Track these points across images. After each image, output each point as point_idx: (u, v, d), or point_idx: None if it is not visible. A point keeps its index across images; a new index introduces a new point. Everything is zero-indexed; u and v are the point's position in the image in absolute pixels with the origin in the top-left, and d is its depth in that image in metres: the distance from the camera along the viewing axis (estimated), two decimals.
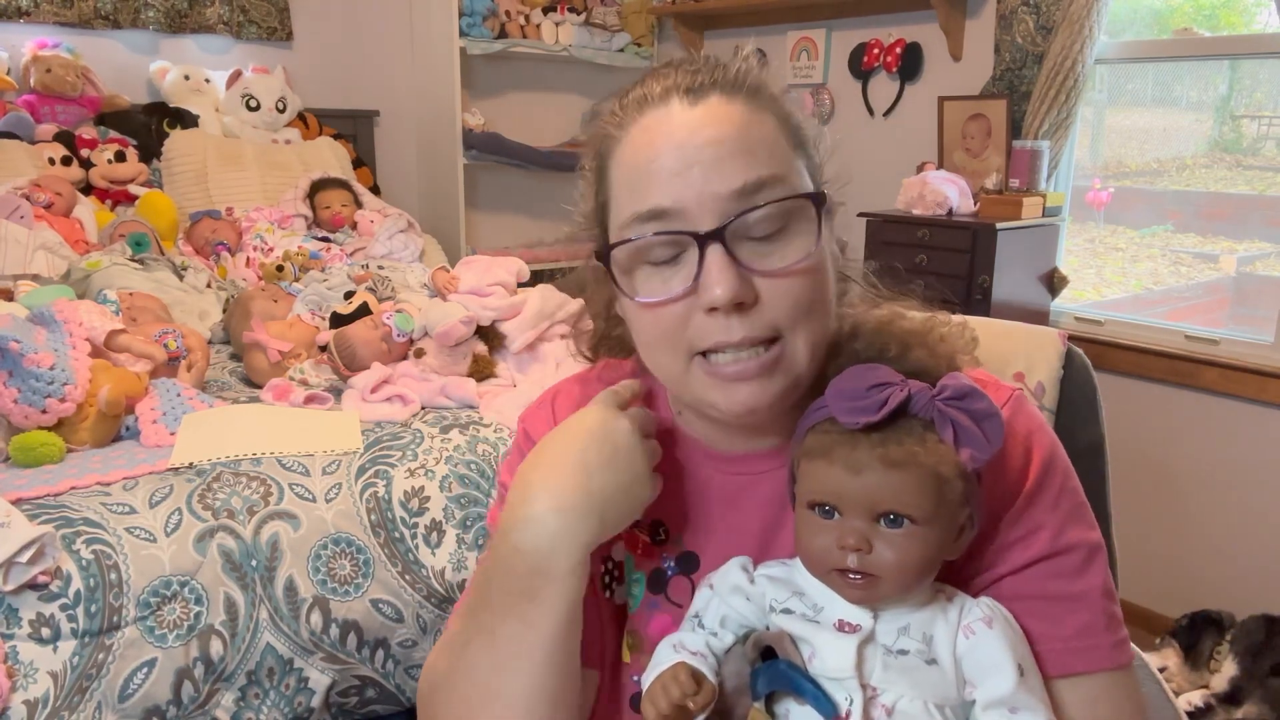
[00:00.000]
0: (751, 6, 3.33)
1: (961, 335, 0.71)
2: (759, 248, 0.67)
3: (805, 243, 0.67)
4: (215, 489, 1.43)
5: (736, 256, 0.65)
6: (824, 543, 0.66)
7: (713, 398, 0.69)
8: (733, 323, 0.66)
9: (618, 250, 0.69)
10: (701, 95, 0.68)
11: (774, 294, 0.66)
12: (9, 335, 1.48)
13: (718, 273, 0.64)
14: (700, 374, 0.69)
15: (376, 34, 3.56)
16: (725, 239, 0.65)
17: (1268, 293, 2.43)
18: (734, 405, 0.68)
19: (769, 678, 0.66)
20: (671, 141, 0.67)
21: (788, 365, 0.68)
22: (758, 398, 0.68)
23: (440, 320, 1.85)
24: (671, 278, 0.68)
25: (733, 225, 0.65)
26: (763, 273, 0.66)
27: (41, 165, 2.74)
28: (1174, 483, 2.47)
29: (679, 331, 0.68)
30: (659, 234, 0.67)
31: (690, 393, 0.71)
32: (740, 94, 0.68)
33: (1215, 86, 2.58)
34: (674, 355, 0.70)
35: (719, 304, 0.65)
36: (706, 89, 0.68)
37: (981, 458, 0.64)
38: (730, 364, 0.67)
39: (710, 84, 0.68)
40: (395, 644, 1.47)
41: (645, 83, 0.71)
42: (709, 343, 0.67)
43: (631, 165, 0.69)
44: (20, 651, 1.21)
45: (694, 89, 0.68)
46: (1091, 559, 0.71)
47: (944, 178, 2.60)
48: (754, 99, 0.69)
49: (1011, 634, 0.67)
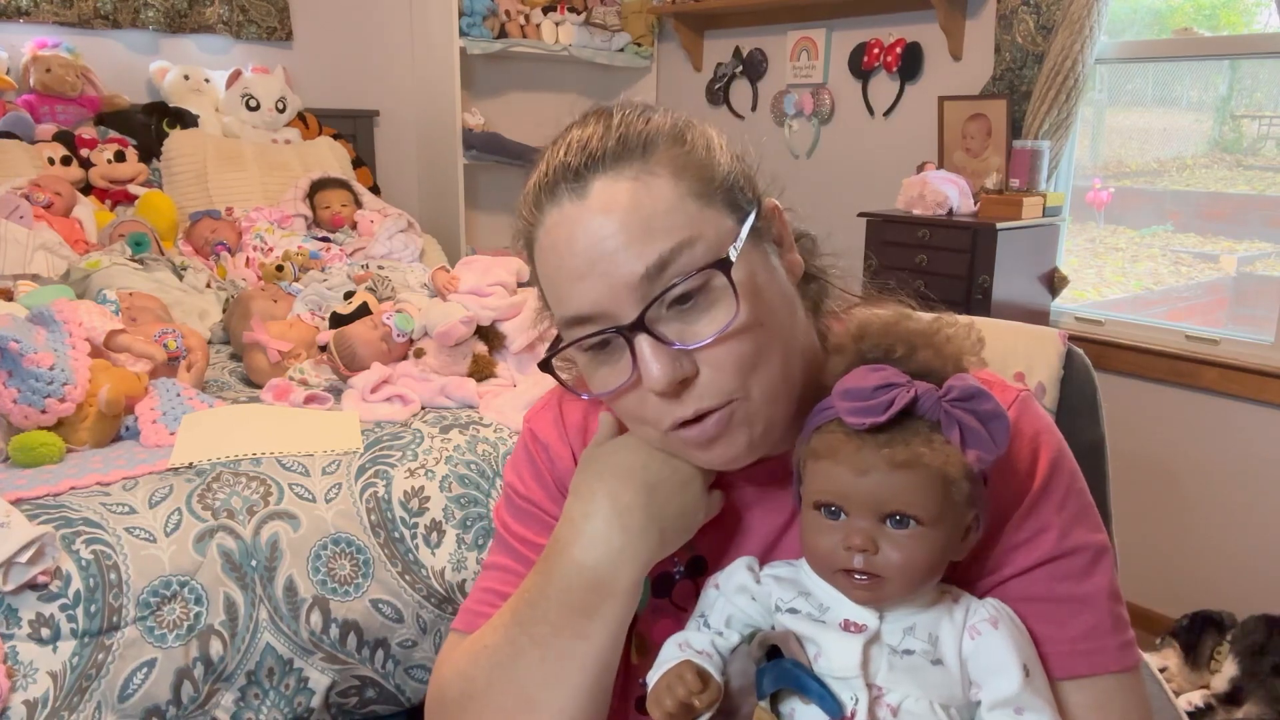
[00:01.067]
0: (751, 6, 3.33)
1: (968, 336, 0.70)
2: (686, 319, 0.66)
3: (727, 306, 0.65)
4: (215, 489, 1.43)
5: (664, 338, 0.65)
6: (830, 543, 0.66)
7: (697, 458, 0.71)
8: (684, 401, 0.66)
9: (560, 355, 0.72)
10: (586, 182, 0.66)
11: (713, 361, 0.66)
12: (9, 335, 1.48)
13: (649, 361, 0.65)
14: (678, 442, 0.70)
15: (376, 34, 3.56)
16: (647, 326, 0.65)
17: (1268, 293, 2.43)
18: (713, 463, 0.70)
19: (774, 677, 0.66)
20: (571, 246, 0.66)
21: (744, 419, 0.68)
22: (729, 454, 0.69)
23: (440, 320, 1.85)
24: (616, 366, 0.68)
25: (649, 313, 0.65)
26: (694, 349, 0.66)
27: (41, 165, 2.74)
28: (1174, 483, 2.47)
29: (642, 412, 0.69)
30: (586, 337, 0.68)
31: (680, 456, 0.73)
32: (624, 164, 0.66)
33: (1215, 86, 2.58)
34: (650, 429, 0.71)
35: (659, 390, 0.65)
36: (589, 174, 0.66)
37: (988, 459, 0.64)
38: (693, 431, 0.68)
39: (589, 172, 0.66)
40: (395, 644, 1.47)
41: (539, 163, 0.71)
42: (668, 422, 0.68)
43: (545, 270, 0.70)
44: (20, 651, 1.20)
45: (579, 175, 0.66)
46: (1098, 561, 0.71)
47: (944, 178, 2.60)
48: (642, 163, 0.66)
49: (1017, 635, 0.67)
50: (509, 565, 0.82)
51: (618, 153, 0.67)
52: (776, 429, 0.70)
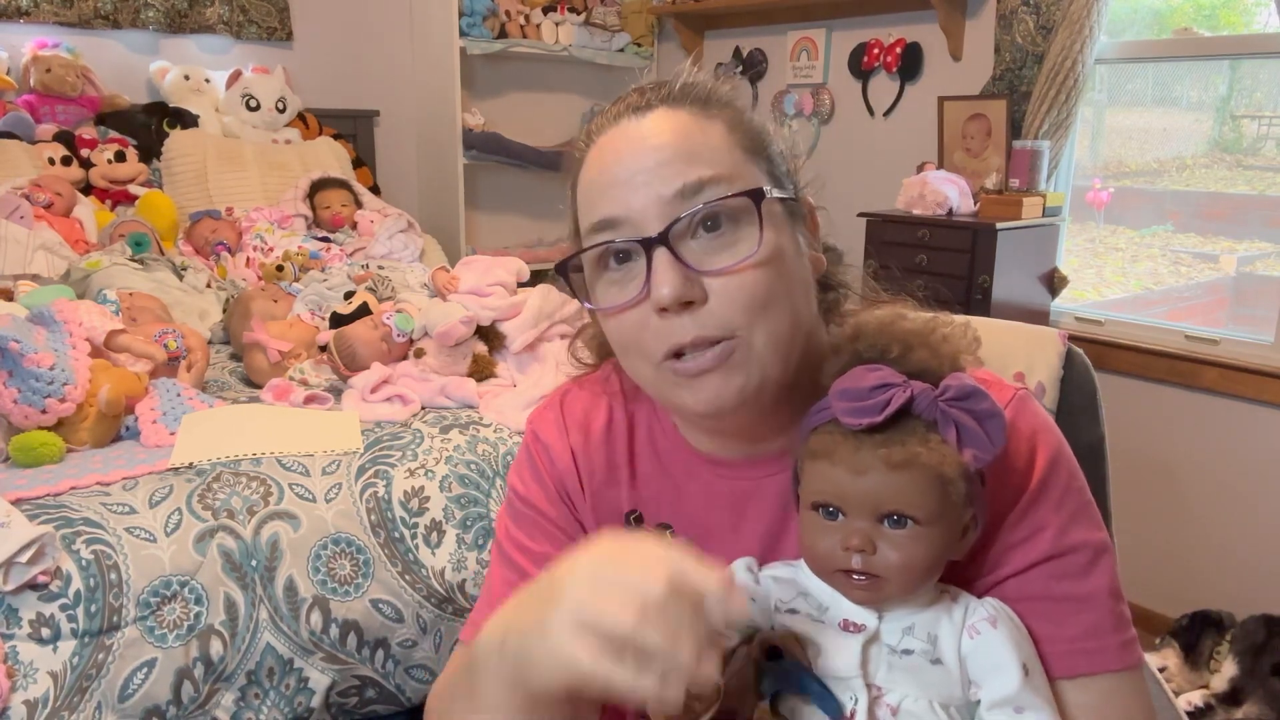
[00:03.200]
0: (751, 6, 3.33)
1: (964, 335, 0.70)
2: (706, 248, 0.68)
3: (751, 241, 0.68)
4: (215, 489, 1.43)
5: (682, 258, 0.67)
6: (828, 544, 0.66)
7: (682, 397, 0.70)
8: (685, 321, 0.67)
9: (575, 262, 0.73)
10: (647, 110, 0.71)
11: (723, 292, 0.67)
12: (9, 335, 1.48)
13: (661, 273, 0.66)
14: (670, 375, 0.69)
15: (376, 34, 3.56)
16: (669, 241, 0.67)
17: (1268, 293, 2.43)
18: (699, 403, 0.69)
19: (775, 678, 0.66)
20: (618, 155, 0.70)
21: (745, 358, 0.68)
22: (720, 392, 0.68)
23: (440, 320, 1.85)
24: (627, 284, 0.70)
25: (675, 227, 0.67)
26: (709, 272, 0.67)
27: (41, 165, 2.74)
28: (1174, 483, 2.47)
29: (641, 335, 0.69)
30: (605, 243, 0.69)
31: (664, 397, 0.73)
32: (685, 104, 0.71)
33: (1215, 86, 2.58)
34: (643, 360, 0.71)
35: (665, 303, 0.66)
36: (652, 104, 0.72)
37: (984, 458, 0.64)
38: (690, 361, 0.68)
39: (656, 99, 0.72)
40: (395, 644, 1.47)
41: (606, 108, 0.75)
42: (666, 345, 0.68)
43: (588, 182, 0.72)
44: (20, 651, 1.20)
45: (640, 106, 0.72)
46: (1097, 559, 0.71)
47: (944, 178, 2.60)
48: (701, 107, 0.71)
49: (1016, 634, 0.67)
50: (505, 576, 0.83)
51: (681, 94, 0.72)
52: (769, 389, 0.69)
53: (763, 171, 0.72)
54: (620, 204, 0.69)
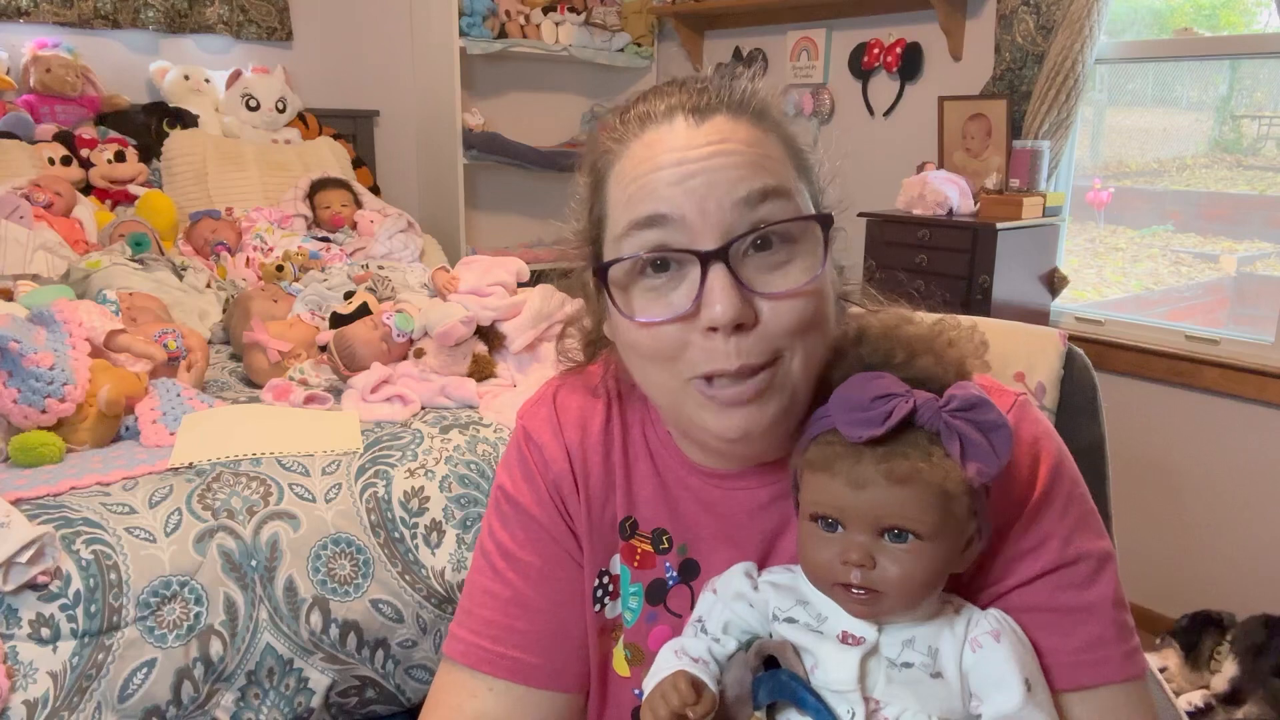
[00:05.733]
0: (751, 6, 3.32)
1: (971, 339, 0.68)
2: (763, 267, 0.65)
3: (810, 265, 0.65)
4: (215, 489, 1.43)
5: (739, 276, 0.63)
6: (827, 556, 0.64)
7: (706, 421, 0.66)
8: (730, 346, 0.63)
9: (615, 266, 0.67)
10: (708, 114, 0.67)
11: (775, 315, 0.64)
12: (9, 335, 1.48)
13: (720, 293, 0.62)
14: (697, 395, 0.66)
15: (376, 34, 3.56)
16: (729, 258, 0.63)
17: (1268, 293, 2.42)
18: (728, 430, 0.66)
19: (770, 688, 0.66)
20: (675, 153, 0.65)
21: (783, 384, 0.65)
22: (753, 422, 0.65)
23: (440, 320, 1.85)
24: (671, 295, 0.65)
25: (736, 244, 0.63)
26: (766, 295, 0.64)
27: (41, 165, 2.74)
28: (1174, 483, 2.46)
29: (676, 352, 0.65)
30: (661, 253, 0.65)
31: (683, 413, 0.68)
32: (746, 114, 0.68)
33: (1215, 86, 2.58)
34: (670, 375, 0.67)
35: (719, 324, 0.62)
36: (714, 108, 0.67)
37: (989, 472, 0.62)
38: (728, 388, 0.64)
39: (717, 103, 0.67)
40: (395, 644, 1.47)
41: (647, 99, 0.70)
42: (707, 368, 0.64)
43: (631, 177, 0.67)
44: (20, 651, 1.20)
45: (700, 108, 0.67)
46: (1101, 568, 0.70)
47: (944, 178, 2.60)
48: (760, 120, 0.68)
49: (1020, 648, 0.65)
50: (487, 586, 0.81)
51: (740, 103, 0.68)
52: (796, 413, 0.68)
53: (807, 193, 0.69)
54: (673, 202, 0.64)
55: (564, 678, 0.80)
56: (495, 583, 0.80)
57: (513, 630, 0.79)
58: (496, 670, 0.78)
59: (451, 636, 0.81)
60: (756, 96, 0.69)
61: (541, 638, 0.79)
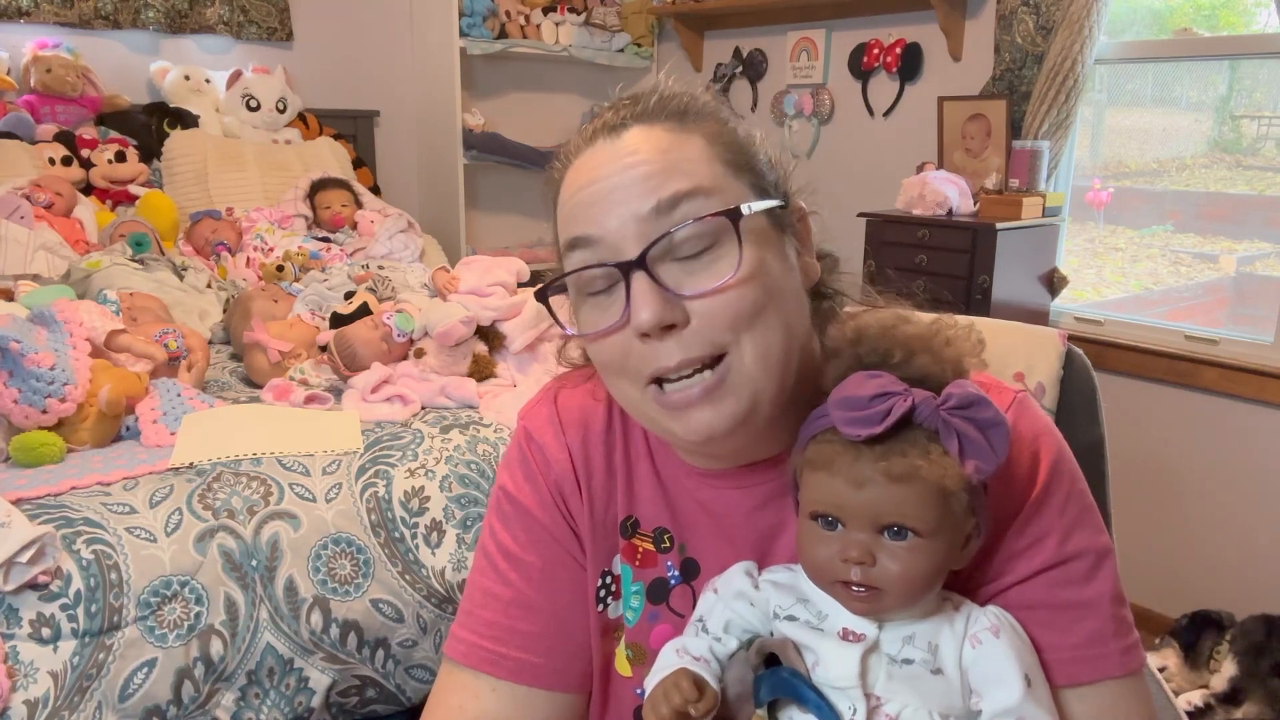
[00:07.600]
0: (751, 6, 3.33)
1: (968, 338, 0.68)
2: (686, 269, 0.66)
3: (730, 260, 0.65)
4: (215, 489, 1.43)
5: (661, 280, 0.65)
6: (827, 554, 0.65)
7: (669, 426, 0.68)
8: (667, 346, 0.65)
9: (555, 287, 0.71)
10: (620, 130, 0.69)
11: (706, 312, 0.65)
12: (9, 335, 1.48)
13: (640, 298, 0.64)
14: (653, 402, 0.68)
15: (376, 34, 3.56)
16: (646, 265, 0.65)
17: (1267, 293, 2.43)
18: (691, 433, 0.67)
19: (772, 685, 0.66)
20: (592, 173, 0.68)
21: (736, 381, 0.66)
22: (712, 422, 0.66)
23: (440, 320, 1.85)
24: (609, 308, 0.68)
25: (653, 251, 0.65)
26: (689, 296, 0.65)
27: (41, 165, 2.74)
28: (1174, 483, 2.47)
29: (623, 361, 0.68)
30: (584, 268, 0.68)
31: (651, 422, 0.70)
32: (660, 120, 0.69)
33: (1215, 86, 2.58)
34: (628, 384, 0.69)
35: (646, 328, 0.64)
36: (626, 123, 0.70)
37: (987, 469, 0.62)
38: (677, 391, 0.66)
39: (630, 118, 0.70)
40: (395, 644, 1.47)
41: (581, 129, 0.73)
42: (650, 370, 0.66)
43: (563, 203, 0.71)
44: (20, 651, 1.21)
45: (614, 125, 0.70)
46: (1100, 564, 0.70)
47: (944, 178, 2.60)
48: (678, 121, 0.70)
49: (1019, 644, 0.66)
50: (489, 587, 0.81)
51: (657, 109, 0.70)
52: (763, 410, 0.68)
53: (746, 184, 0.69)
54: (594, 223, 0.67)
55: (566, 678, 0.80)
56: (497, 584, 0.80)
57: (515, 631, 0.79)
58: (498, 671, 0.78)
59: (453, 637, 0.81)
60: (675, 100, 0.71)
61: (543, 638, 0.79)
